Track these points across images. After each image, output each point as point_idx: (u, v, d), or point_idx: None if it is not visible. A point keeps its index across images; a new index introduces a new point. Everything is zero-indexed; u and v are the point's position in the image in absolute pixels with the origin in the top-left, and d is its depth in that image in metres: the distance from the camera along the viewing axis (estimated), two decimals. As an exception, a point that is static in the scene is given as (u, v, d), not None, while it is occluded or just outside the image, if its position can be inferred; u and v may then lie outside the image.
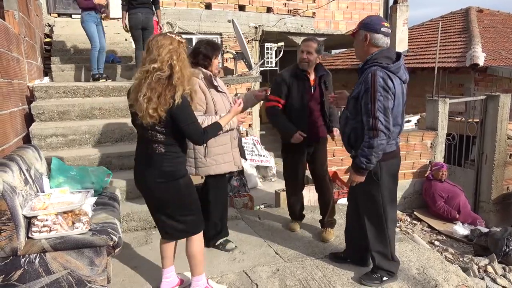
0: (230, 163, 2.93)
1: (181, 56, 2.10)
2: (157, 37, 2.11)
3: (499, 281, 3.60)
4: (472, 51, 9.44)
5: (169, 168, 2.21)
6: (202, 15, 7.59)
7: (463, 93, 9.51)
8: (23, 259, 2.04)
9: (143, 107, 2.04)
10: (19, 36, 3.95)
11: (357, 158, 2.35)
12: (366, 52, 2.42)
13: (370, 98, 2.25)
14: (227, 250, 3.05)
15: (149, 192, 2.28)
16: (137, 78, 2.10)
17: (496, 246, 4.23)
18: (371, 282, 2.61)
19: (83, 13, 5.28)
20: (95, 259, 2.16)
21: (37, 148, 3.05)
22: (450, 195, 5.59)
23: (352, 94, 2.43)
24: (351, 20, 9.33)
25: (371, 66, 2.33)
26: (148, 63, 2.06)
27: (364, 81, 2.31)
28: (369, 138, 2.28)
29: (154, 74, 2.03)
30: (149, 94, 2.04)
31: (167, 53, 2.05)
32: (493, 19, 12.74)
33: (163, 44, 2.06)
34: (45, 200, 2.24)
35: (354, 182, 2.45)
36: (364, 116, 2.31)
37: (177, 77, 2.06)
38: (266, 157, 6.92)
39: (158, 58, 2.04)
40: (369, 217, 2.56)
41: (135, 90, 2.10)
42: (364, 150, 2.31)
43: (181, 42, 2.14)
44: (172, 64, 2.06)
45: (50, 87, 4.39)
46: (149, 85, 2.05)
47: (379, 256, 2.60)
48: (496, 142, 6.14)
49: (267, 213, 3.98)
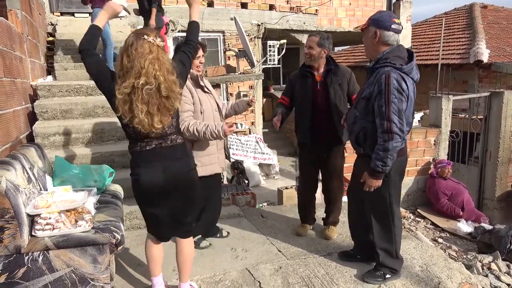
0: (215, 165, 2.93)
1: (161, 62, 2.00)
2: (136, 43, 1.97)
3: (503, 279, 3.58)
4: (476, 47, 9.38)
5: (189, 156, 2.28)
6: (204, 13, 7.59)
7: (467, 89, 9.46)
8: (26, 257, 2.05)
9: (145, 122, 2.00)
10: (22, 35, 3.96)
11: (373, 162, 2.32)
12: (376, 50, 2.37)
13: (384, 101, 2.22)
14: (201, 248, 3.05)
15: (178, 184, 2.16)
16: (122, 92, 1.96)
17: (500, 244, 4.21)
18: (374, 279, 2.60)
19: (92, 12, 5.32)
20: (98, 257, 2.17)
21: (40, 146, 3.06)
22: (454, 192, 5.57)
23: (363, 94, 2.39)
24: (354, 17, 9.29)
25: (383, 67, 2.28)
26: (133, 77, 1.95)
27: (377, 82, 2.26)
28: (383, 141, 2.25)
29: (143, 90, 1.96)
30: (146, 108, 1.98)
31: (149, 64, 1.96)
32: (497, 15, 12.65)
33: (143, 53, 1.95)
34: (48, 198, 2.25)
35: (371, 187, 2.40)
36: (377, 118, 2.27)
37: (165, 87, 2.00)
38: (269, 155, 6.92)
39: (142, 72, 1.95)
40: (376, 214, 2.54)
41: (124, 103, 1.99)
42: (379, 153, 2.28)
43: (159, 47, 2.02)
44: (156, 76, 1.97)
45: (53, 85, 4.41)
46: (142, 100, 1.97)
47: (383, 253, 2.59)
48: (500, 139, 6.10)
49: (270, 211, 3.98)
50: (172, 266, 2.62)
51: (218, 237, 3.23)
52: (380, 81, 2.24)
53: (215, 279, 2.65)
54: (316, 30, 8.84)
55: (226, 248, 3.08)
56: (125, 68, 1.97)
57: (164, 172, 2.12)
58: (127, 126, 2.08)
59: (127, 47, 1.99)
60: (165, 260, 2.50)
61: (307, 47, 3.03)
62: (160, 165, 2.12)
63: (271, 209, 4.15)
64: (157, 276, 2.38)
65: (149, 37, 1.99)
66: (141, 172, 2.12)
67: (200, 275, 2.68)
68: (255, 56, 7.69)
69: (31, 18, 4.73)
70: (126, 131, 2.15)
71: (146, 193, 2.16)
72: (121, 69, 1.99)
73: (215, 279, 2.64)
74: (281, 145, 9.22)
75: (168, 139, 2.15)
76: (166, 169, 2.12)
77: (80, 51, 2.10)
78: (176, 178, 2.15)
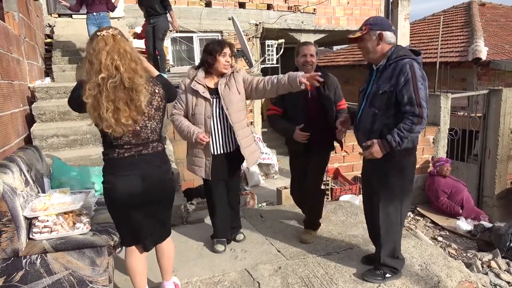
0: (200, 168, 2.86)
1: (121, 51, 1.89)
2: (92, 44, 1.90)
3: (503, 276, 3.58)
4: (474, 45, 9.38)
5: (168, 164, 2.20)
6: (203, 13, 7.59)
7: (466, 87, 9.46)
8: (24, 260, 2.05)
9: (110, 122, 1.88)
10: (19, 37, 3.95)
11: (390, 135, 2.32)
12: (382, 50, 2.42)
13: (413, 89, 2.28)
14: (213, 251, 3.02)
15: (158, 192, 2.09)
16: (89, 95, 1.86)
17: (499, 241, 4.21)
18: (374, 278, 2.60)
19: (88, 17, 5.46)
20: (96, 259, 2.16)
21: (38, 148, 3.06)
22: (453, 190, 5.57)
23: (381, 90, 2.39)
24: (352, 16, 9.30)
25: (401, 59, 2.34)
26: (94, 76, 1.86)
27: (401, 73, 2.31)
28: (412, 123, 2.28)
29: (107, 85, 1.85)
30: (113, 106, 1.87)
31: (107, 56, 1.86)
32: (496, 12, 12.65)
33: (99, 49, 1.87)
34: (46, 201, 2.24)
35: (371, 155, 2.39)
36: (407, 106, 2.30)
37: (127, 77, 1.88)
38: (268, 155, 6.90)
39: (101, 66, 1.85)
40: (388, 212, 2.53)
41: (94, 109, 1.89)
42: (403, 131, 2.29)
43: (115, 36, 1.92)
44: (117, 66, 1.87)
45: (50, 87, 4.40)
46: (108, 97, 1.86)
47: (385, 252, 2.59)
48: (499, 137, 6.11)
49: (269, 211, 3.97)
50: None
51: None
52: (405, 71, 2.30)
53: (214, 280, 2.64)
54: (315, 29, 8.85)
55: (226, 248, 3.08)
56: (88, 72, 1.90)
57: (143, 181, 2.02)
58: (107, 133, 1.97)
59: (86, 53, 1.94)
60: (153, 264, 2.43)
61: (309, 55, 2.98)
62: (139, 173, 2.02)
63: (270, 209, 4.15)
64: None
65: (102, 32, 1.92)
66: (117, 182, 1.99)
67: (199, 276, 2.67)
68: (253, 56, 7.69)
69: (29, 20, 4.72)
70: (105, 138, 2.03)
71: (122, 204, 2.03)
72: (86, 75, 1.91)
73: (214, 280, 2.64)
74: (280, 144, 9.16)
75: (150, 146, 2.07)
76: (145, 178, 2.03)
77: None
78: (156, 186, 2.07)
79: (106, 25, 5.45)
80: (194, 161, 2.88)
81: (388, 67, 2.40)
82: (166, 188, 2.15)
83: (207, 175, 2.85)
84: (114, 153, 2.01)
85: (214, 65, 2.76)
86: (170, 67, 7.16)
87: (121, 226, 2.14)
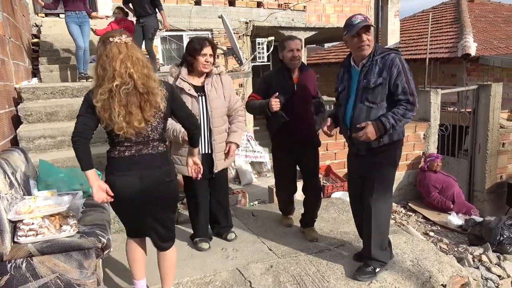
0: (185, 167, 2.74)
1: (133, 58, 1.96)
2: (105, 50, 1.94)
3: (494, 270, 3.60)
4: (463, 41, 9.45)
5: (171, 165, 2.22)
6: (192, 11, 7.53)
7: (456, 83, 9.52)
8: (9, 264, 2.00)
9: (122, 125, 1.95)
10: (3, 37, 3.88)
11: (386, 118, 2.38)
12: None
13: (406, 79, 2.40)
14: (198, 249, 3.00)
15: (156, 193, 2.10)
16: (100, 99, 1.92)
17: (490, 235, 4.24)
18: (366, 276, 2.60)
19: (65, 14, 5.32)
20: (84, 261, 2.12)
21: (24, 150, 3.00)
22: (444, 185, 5.60)
23: (374, 84, 2.43)
24: (342, 13, 9.29)
25: (387, 54, 2.45)
26: (108, 82, 1.91)
27: (393, 66, 2.40)
28: (405, 109, 2.38)
29: (120, 91, 1.92)
30: (124, 111, 1.94)
31: (121, 64, 1.92)
32: (484, 8, 12.76)
33: (113, 56, 1.92)
34: (31, 204, 2.20)
35: (365, 135, 2.39)
36: (401, 96, 2.40)
37: (141, 83, 1.96)
38: (260, 153, 6.88)
39: (115, 74, 1.91)
40: (380, 205, 2.56)
41: (104, 111, 1.95)
42: (398, 115, 2.37)
43: (127, 43, 1.98)
44: (130, 74, 1.93)
45: (37, 88, 4.33)
46: (120, 102, 1.93)
47: (376, 246, 2.61)
48: (489, 131, 6.16)
49: (261, 209, 3.95)
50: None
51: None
52: (396, 63, 2.41)
53: (205, 280, 2.62)
54: (305, 26, 8.83)
55: (217, 248, 3.05)
56: (100, 77, 1.95)
57: (141, 181, 2.05)
58: (112, 132, 2.03)
59: (98, 57, 1.97)
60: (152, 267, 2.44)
61: (296, 50, 2.96)
62: (137, 173, 2.05)
63: (262, 207, 4.13)
64: (140, 280, 2.31)
65: (114, 38, 1.95)
66: (116, 180, 2.05)
67: (190, 277, 2.64)
68: (244, 54, 7.66)
69: (14, 19, 4.64)
70: (109, 136, 2.09)
71: (121, 201, 2.08)
72: (97, 80, 1.96)
73: (205, 280, 2.61)
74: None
75: (150, 145, 2.09)
76: (143, 178, 2.06)
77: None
78: (155, 188, 2.09)
79: (87, 24, 5.40)
80: (180, 161, 2.84)
81: (375, 62, 2.45)
82: (164, 190, 2.13)
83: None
84: (115, 151, 2.06)
85: (193, 64, 2.78)
86: (160, 66, 7.10)
87: (124, 220, 2.25)
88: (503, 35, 10.83)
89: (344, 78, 2.64)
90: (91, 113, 1.99)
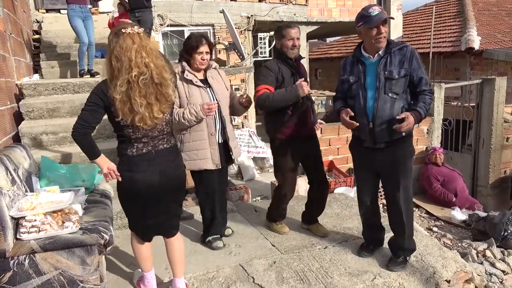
0: (205, 160, 2.80)
1: (147, 48, 1.98)
2: (118, 42, 1.95)
3: (498, 265, 3.59)
4: (467, 34, 9.37)
5: (179, 156, 2.29)
6: (194, 6, 7.48)
7: (459, 77, 9.46)
8: (12, 261, 1.99)
9: (146, 116, 1.98)
10: (4, 34, 3.86)
11: (419, 107, 2.46)
12: None
13: (423, 70, 2.52)
14: (213, 248, 2.95)
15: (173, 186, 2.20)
16: (119, 92, 1.94)
17: (494, 231, 4.22)
18: (399, 266, 2.66)
19: (68, 8, 5.19)
20: (87, 258, 2.12)
21: (25, 147, 2.99)
22: (447, 179, 5.58)
23: (398, 75, 2.46)
24: (344, 7, 9.23)
25: (405, 46, 2.51)
26: (125, 73, 1.93)
27: (413, 57, 2.47)
28: (430, 98, 2.52)
29: (139, 82, 1.94)
30: (145, 101, 1.97)
31: (136, 54, 1.93)
32: (488, 1, 12.64)
33: (127, 46, 1.93)
34: (33, 200, 2.19)
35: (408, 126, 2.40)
36: (424, 86, 2.50)
37: (156, 73, 1.98)
38: (262, 148, 6.87)
39: (132, 64, 1.92)
40: (407, 197, 2.62)
41: (124, 104, 1.96)
42: (427, 104, 2.49)
43: (140, 34, 2.01)
44: (146, 63, 1.95)
45: (38, 84, 4.31)
46: (140, 93, 1.96)
47: (408, 237, 2.69)
48: (493, 126, 6.11)
49: (263, 205, 3.93)
50: (164, 264, 2.58)
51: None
52: (416, 55, 2.48)
53: (208, 276, 2.61)
54: (307, 21, 8.77)
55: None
56: (116, 69, 1.95)
57: (161, 176, 2.12)
58: (127, 127, 2.04)
59: (112, 49, 1.96)
60: (157, 259, 2.48)
61: (296, 39, 2.90)
62: (157, 169, 2.12)
63: (264, 203, 4.11)
64: (150, 271, 2.38)
65: (127, 29, 1.97)
66: (134, 177, 2.09)
67: (193, 273, 2.64)
68: (246, 49, 7.62)
69: (15, 15, 4.62)
70: (123, 133, 2.07)
71: (139, 193, 2.13)
72: (112, 72, 1.96)
73: (208, 276, 2.61)
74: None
75: (165, 139, 2.15)
76: (162, 173, 2.13)
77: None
78: (171, 181, 2.18)
79: (90, 19, 5.33)
80: (196, 155, 2.81)
81: (393, 53, 2.47)
82: (178, 180, 2.24)
83: (216, 164, 2.84)
84: (132, 148, 2.09)
85: (190, 61, 2.80)
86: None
87: (130, 211, 2.27)
88: (507, 29, 10.74)
89: (355, 69, 2.56)
90: (100, 106, 2.01)
